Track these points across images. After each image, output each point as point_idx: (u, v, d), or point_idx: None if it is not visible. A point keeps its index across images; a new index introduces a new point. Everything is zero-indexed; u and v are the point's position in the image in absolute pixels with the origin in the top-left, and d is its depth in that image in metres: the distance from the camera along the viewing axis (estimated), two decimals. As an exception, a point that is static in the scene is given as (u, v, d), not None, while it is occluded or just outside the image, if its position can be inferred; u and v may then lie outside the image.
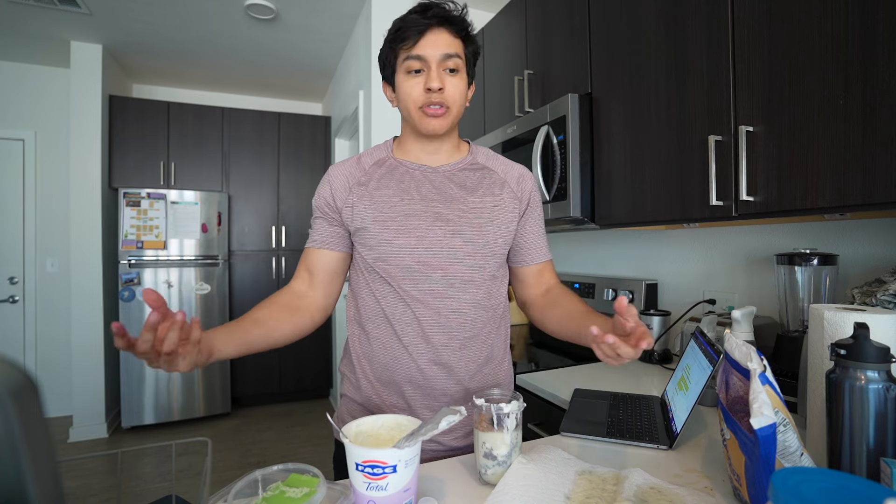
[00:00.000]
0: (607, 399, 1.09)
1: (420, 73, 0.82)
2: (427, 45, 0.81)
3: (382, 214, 0.85)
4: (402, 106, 0.86)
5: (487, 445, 0.70)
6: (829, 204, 0.87)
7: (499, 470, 0.70)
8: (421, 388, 0.87)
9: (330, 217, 0.90)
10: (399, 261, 0.85)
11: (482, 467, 0.71)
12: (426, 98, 0.82)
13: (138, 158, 3.39)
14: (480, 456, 0.71)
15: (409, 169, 0.90)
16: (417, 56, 0.81)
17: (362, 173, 0.89)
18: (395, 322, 0.86)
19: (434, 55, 0.81)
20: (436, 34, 0.82)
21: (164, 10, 2.68)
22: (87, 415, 3.12)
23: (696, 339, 0.97)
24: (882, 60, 0.78)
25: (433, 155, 0.91)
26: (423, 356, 0.86)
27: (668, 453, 0.83)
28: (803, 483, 0.39)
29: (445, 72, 0.83)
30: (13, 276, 3.44)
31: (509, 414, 0.70)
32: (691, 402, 0.83)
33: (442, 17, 0.82)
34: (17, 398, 0.19)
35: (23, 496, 0.18)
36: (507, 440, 0.70)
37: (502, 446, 0.70)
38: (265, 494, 0.54)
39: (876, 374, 0.58)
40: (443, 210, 0.86)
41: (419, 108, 0.83)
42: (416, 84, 0.82)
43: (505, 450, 0.70)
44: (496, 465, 0.70)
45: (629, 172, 1.36)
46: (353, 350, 0.92)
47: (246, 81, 3.85)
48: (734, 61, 1.04)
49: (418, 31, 0.81)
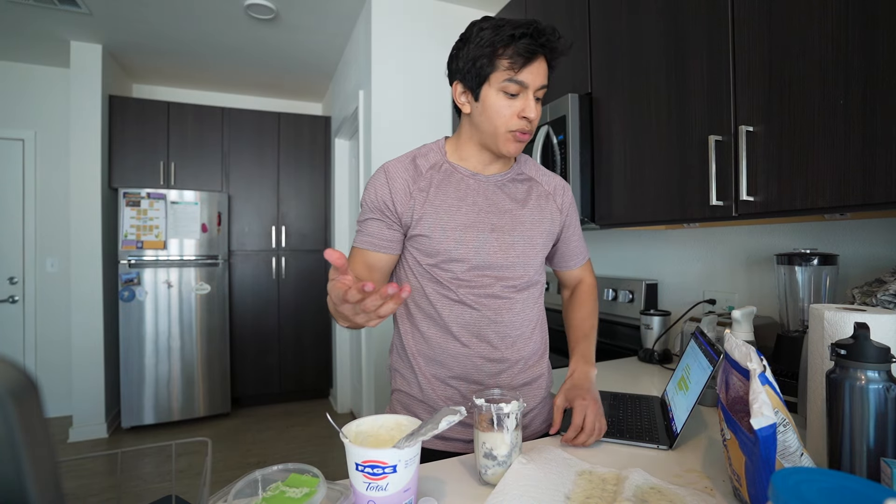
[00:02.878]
0: (608, 399, 1.09)
1: (515, 97, 0.82)
2: (531, 73, 0.81)
3: (443, 223, 0.87)
4: (488, 122, 0.85)
5: (487, 445, 0.71)
6: (829, 204, 0.87)
7: (499, 470, 0.71)
8: (476, 382, 0.91)
9: (388, 220, 0.89)
10: (457, 269, 0.88)
11: (482, 467, 0.72)
12: (519, 125, 0.83)
13: (138, 158, 3.39)
14: (480, 456, 0.72)
15: (463, 177, 0.91)
16: (520, 82, 0.80)
17: (420, 177, 0.89)
18: (451, 324, 0.89)
19: (535, 84, 0.82)
20: (540, 63, 0.82)
21: (164, 10, 2.68)
22: (87, 415, 3.12)
23: (696, 339, 0.97)
24: (882, 60, 0.78)
25: (490, 165, 0.92)
26: (478, 354, 0.89)
27: (668, 453, 0.83)
28: (803, 483, 0.39)
29: (535, 100, 0.83)
30: (13, 276, 3.44)
31: (509, 414, 0.70)
32: (691, 402, 0.83)
33: (551, 47, 0.82)
34: (17, 398, 0.19)
35: (23, 496, 0.18)
36: (508, 440, 0.70)
37: (502, 446, 0.70)
38: (265, 494, 0.54)
39: (876, 374, 0.58)
40: (497, 221, 0.89)
41: (509, 131, 0.84)
42: (512, 106, 0.82)
43: (505, 450, 0.70)
44: (496, 466, 0.71)
45: (629, 172, 1.36)
46: (408, 347, 0.93)
47: (246, 81, 3.85)
48: (734, 61, 1.04)
49: (527, 58, 0.79)
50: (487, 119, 0.84)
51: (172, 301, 3.35)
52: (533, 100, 0.82)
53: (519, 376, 0.93)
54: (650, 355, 1.47)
